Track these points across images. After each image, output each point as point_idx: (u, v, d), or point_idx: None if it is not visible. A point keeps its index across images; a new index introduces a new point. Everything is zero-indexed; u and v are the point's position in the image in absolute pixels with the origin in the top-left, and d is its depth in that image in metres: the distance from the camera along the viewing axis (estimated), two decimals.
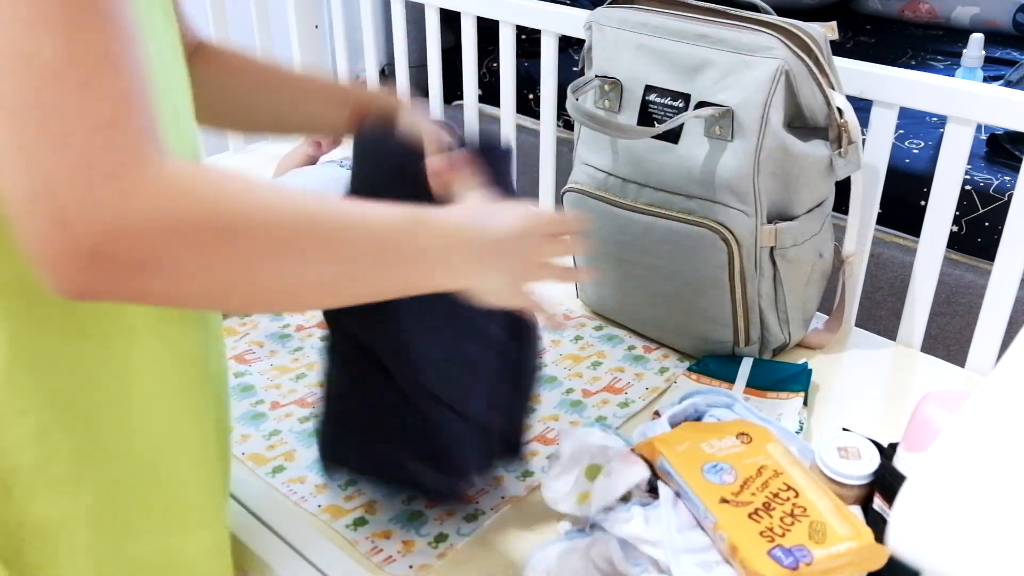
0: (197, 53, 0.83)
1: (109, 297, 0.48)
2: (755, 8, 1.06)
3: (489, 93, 1.94)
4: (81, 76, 0.45)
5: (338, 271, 0.58)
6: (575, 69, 1.19)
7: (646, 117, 1.08)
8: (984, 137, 1.74)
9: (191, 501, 0.71)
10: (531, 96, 2.13)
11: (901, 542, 0.46)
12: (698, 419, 0.95)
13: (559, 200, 1.23)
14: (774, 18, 1.02)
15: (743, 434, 0.87)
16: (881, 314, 1.65)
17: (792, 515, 0.78)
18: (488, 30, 1.60)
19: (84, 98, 0.45)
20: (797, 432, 0.99)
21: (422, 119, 0.84)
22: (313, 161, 1.59)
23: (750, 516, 0.78)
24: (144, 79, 0.48)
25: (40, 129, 0.44)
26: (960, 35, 2.27)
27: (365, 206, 0.60)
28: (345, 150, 1.77)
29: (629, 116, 1.09)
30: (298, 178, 1.44)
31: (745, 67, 1.00)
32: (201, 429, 0.72)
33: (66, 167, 0.45)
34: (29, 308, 0.57)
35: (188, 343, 0.69)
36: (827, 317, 1.22)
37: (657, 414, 1.01)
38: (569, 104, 1.04)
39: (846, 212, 1.14)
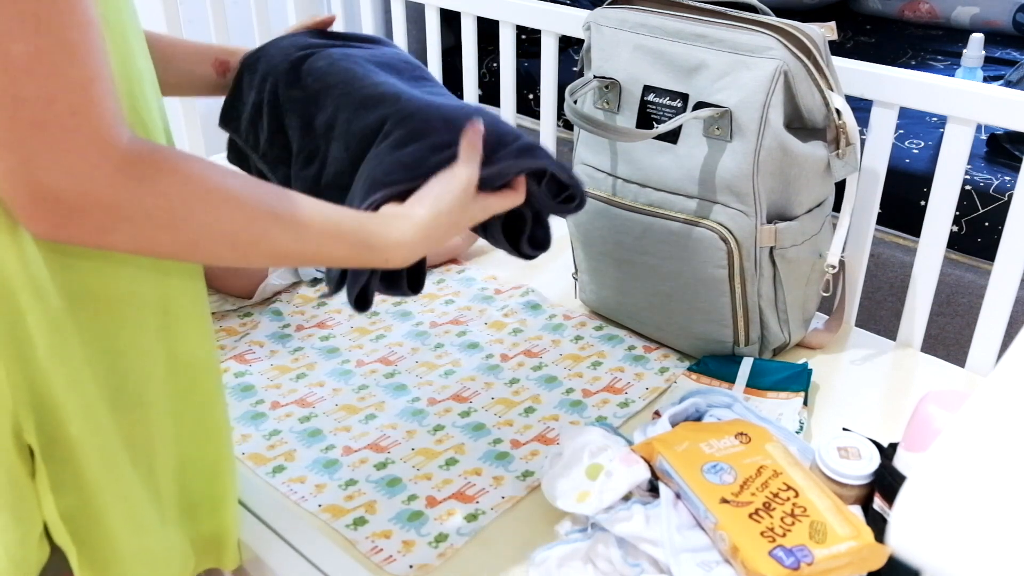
0: None
1: (82, 243, 0.56)
2: (753, 9, 1.06)
3: (489, 93, 1.94)
4: (49, 69, 0.50)
5: (277, 250, 0.64)
6: (575, 69, 1.20)
7: (645, 117, 1.08)
8: (984, 137, 1.74)
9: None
10: (531, 96, 2.13)
11: (901, 542, 0.46)
12: (698, 419, 0.95)
13: None
14: (773, 19, 1.02)
15: (742, 434, 0.87)
16: (881, 314, 1.65)
17: (792, 515, 0.78)
18: (488, 30, 1.60)
19: (53, 89, 0.51)
20: (797, 432, 0.99)
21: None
22: None
23: (751, 516, 0.78)
24: (104, 63, 0.53)
25: (15, 119, 0.50)
26: (960, 35, 2.27)
27: (327, 218, 0.66)
28: None
29: (628, 116, 1.09)
30: None
31: (743, 67, 1.00)
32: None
33: (40, 150, 0.51)
34: (95, 312, 0.64)
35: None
36: (827, 317, 1.22)
37: (657, 414, 1.01)
38: (567, 108, 1.04)
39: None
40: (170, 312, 0.70)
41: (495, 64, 2.13)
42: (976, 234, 1.62)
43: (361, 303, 0.75)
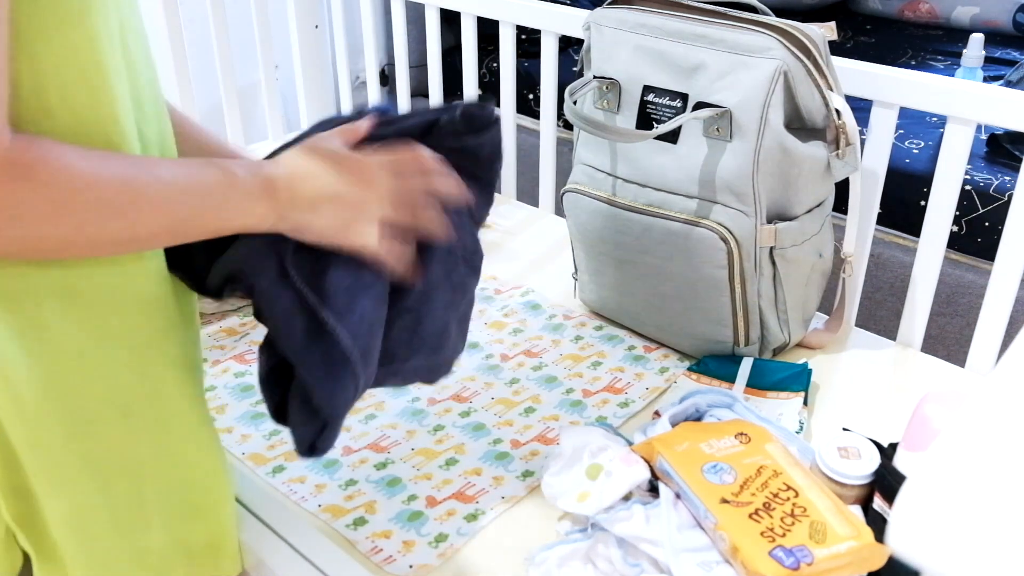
0: None
1: None
2: (753, 9, 1.06)
3: (489, 93, 1.94)
4: None
5: (163, 224, 0.62)
6: (575, 69, 1.20)
7: (644, 117, 1.08)
8: (984, 137, 1.74)
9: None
10: (531, 96, 2.13)
11: (901, 542, 0.46)
12: (698, 419, 0.95)
13: (559, 200, 1.23)
14: (772, 19, 1.02)
15: (742, 434, 0.87)
16: (881, 314, 1.65)
17: (792, 515, 0.78)
18: (488, 30, 1.60)
19: None
20: (797, 432, 0.99)
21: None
22: None
23: (750, 516, 0.78)
24: (1, 62, 0.53)
25: None
26: (960, 35, 2.27)
27: (183, 163, 0.65)
28: None
29: (627, 116, 1.09)
30: None
31: (743, 67, 1.00)
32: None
33: None
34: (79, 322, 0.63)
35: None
36: (827, 317, 1.22)
37: (657, 414, 1.01)
38: (567, 109, 1.04)
39: (846, 212, 1.14)
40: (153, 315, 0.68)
41: (495, 64, 2.13)
42: (976, 234, 1.62)
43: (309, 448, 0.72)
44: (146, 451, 0.70)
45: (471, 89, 1.63)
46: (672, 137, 1.05)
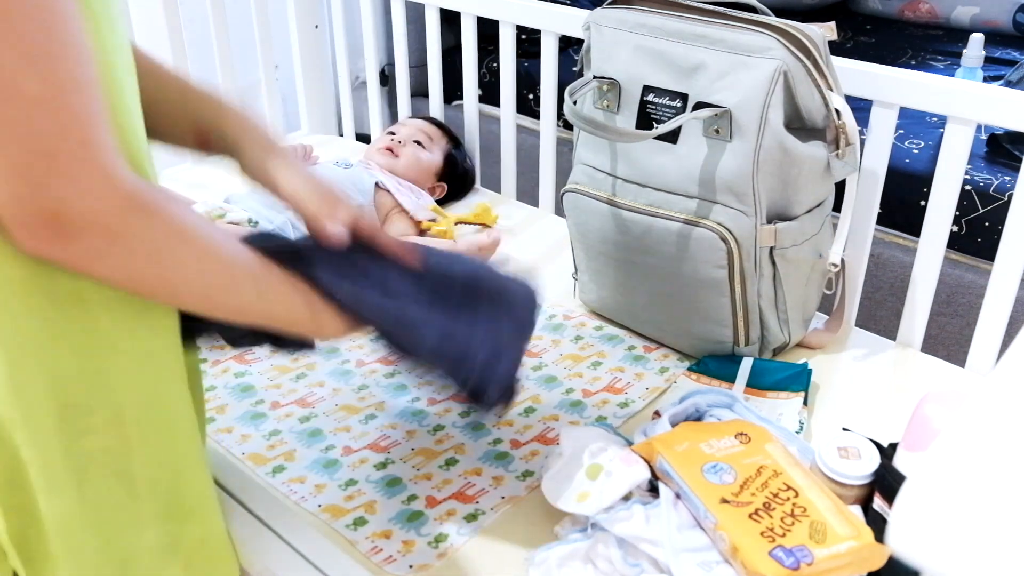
0: None
1: (70, 264, 0.58)
2: (753, 9, 1.06)
3: (489, 93, 1.94)
4: (61, 103, 0.53)
5: (242, 305, 0.69)
6: (575, 69, 1.20)
7: (644, 117, 1.08)
8: (984, 137, 1.74)
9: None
10: (531, 96, 2.13)
11: (901, 542, 0.46)
12: (698, 419, 0.95)
13: (559, 200, 1.23)
14: (772, 19, 1.02)
15: (741, 434, 0.87)
16: (881, 314, 1.65)
17: (792, 515, 0.78)
18: (488, 30, 1.60)
19: (65, 121, 0.54)
20: (797, 432, 0.99)
21: (289, 171, 0.83)
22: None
23: (750, 516, 0.78)
24: (102, 98, 0.56)
25: (29, 150, 0.53)
26: (960, 35, 2.27)
27: (286, 285, 0.72)
28: (338, 152, 1.77)
29: (627, 116, 1.09)
30: None
31: (743, 68, 1.00)
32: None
33: (52, 178, 0.54)
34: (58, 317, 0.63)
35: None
36: (827, 317, 1.22)
37: (657, 414, 1.01)
38: (566, 109, 1.04)
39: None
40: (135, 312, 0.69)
41: (495, 64, 2.13)
42: (976, 234, 1.62)
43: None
44: (139, 453, 0.70)
45: (471, 89, 1.63)
46: (672, 137, 1.05)
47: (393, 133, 1.60)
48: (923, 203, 1.55)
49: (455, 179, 1.61)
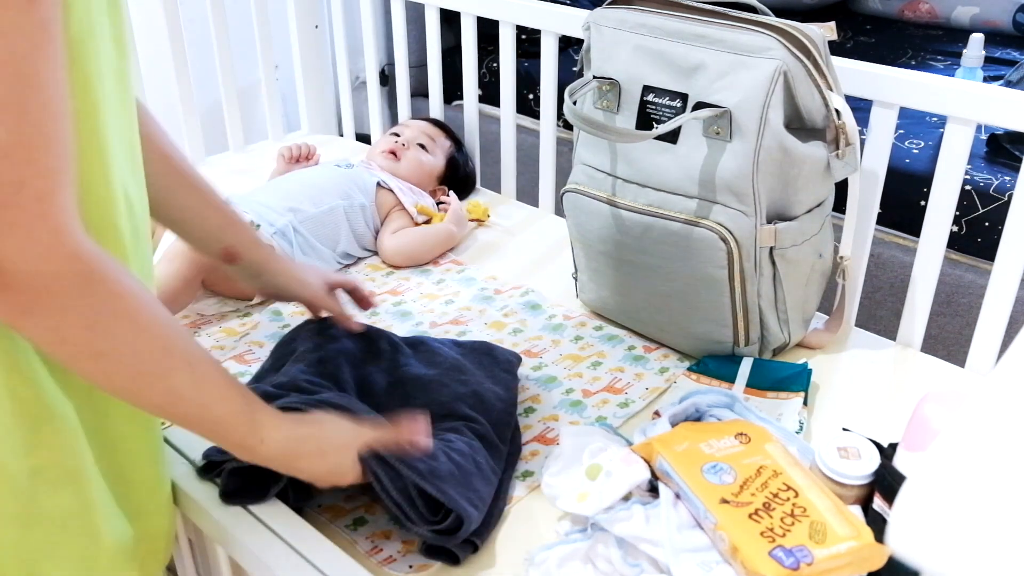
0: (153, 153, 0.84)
1: (15, 326, 0.58)
2: (753, 9, 1.06)
3: (489, 93, 1.94)
4: (25, 155, 0.53)
5: (173, 390, 0.67)
6: (575, 69, 1.20)
7: (644, 117, 1.08)
8: (984, 137, 1.74)
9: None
10: (531, 96, 2.13)
11: (901, 542, 0.46)
12: (698, 419, 0.95)
13: (559, 200, 1.23)
14: (772, 19, 1.02)
15: (741, 434, 0.87)
16: (881, 314, 1.64)
17: (792, 515, 0.78)
18: (488, 30, 1.60)
19: (25, 174, 0.53)
20: (797, 432, 0.99)
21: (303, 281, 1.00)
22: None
23: (750, 516, 0.78)
24: (71, 155, 0.56)
25: None
26: (960, 35, 2.27)
27: (224, 375, 0.71)
28: (338, 152, 1.77)
29: (627, 116, 1.09)
30: (298, 177, 1.45)
31: (743, 68, 1.00)
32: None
33: (7, 228, 0.53)
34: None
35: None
36: (827, 317, 1.22)
37: (657, 414, 1.01)
38: (566, 109, 1.04)
39: (846, 212, 1.14)
40: None
41: (495, 64, 2.13)
42: (976, 234, 1.62)
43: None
44: (90, 458, 0.70)
45: (471, 89, 1.63)
46: (672, 137, 1.05)
47: (397, 135, 1.59)
48: (923, 203, 1.55)
49: (456, 182, 1.61)
